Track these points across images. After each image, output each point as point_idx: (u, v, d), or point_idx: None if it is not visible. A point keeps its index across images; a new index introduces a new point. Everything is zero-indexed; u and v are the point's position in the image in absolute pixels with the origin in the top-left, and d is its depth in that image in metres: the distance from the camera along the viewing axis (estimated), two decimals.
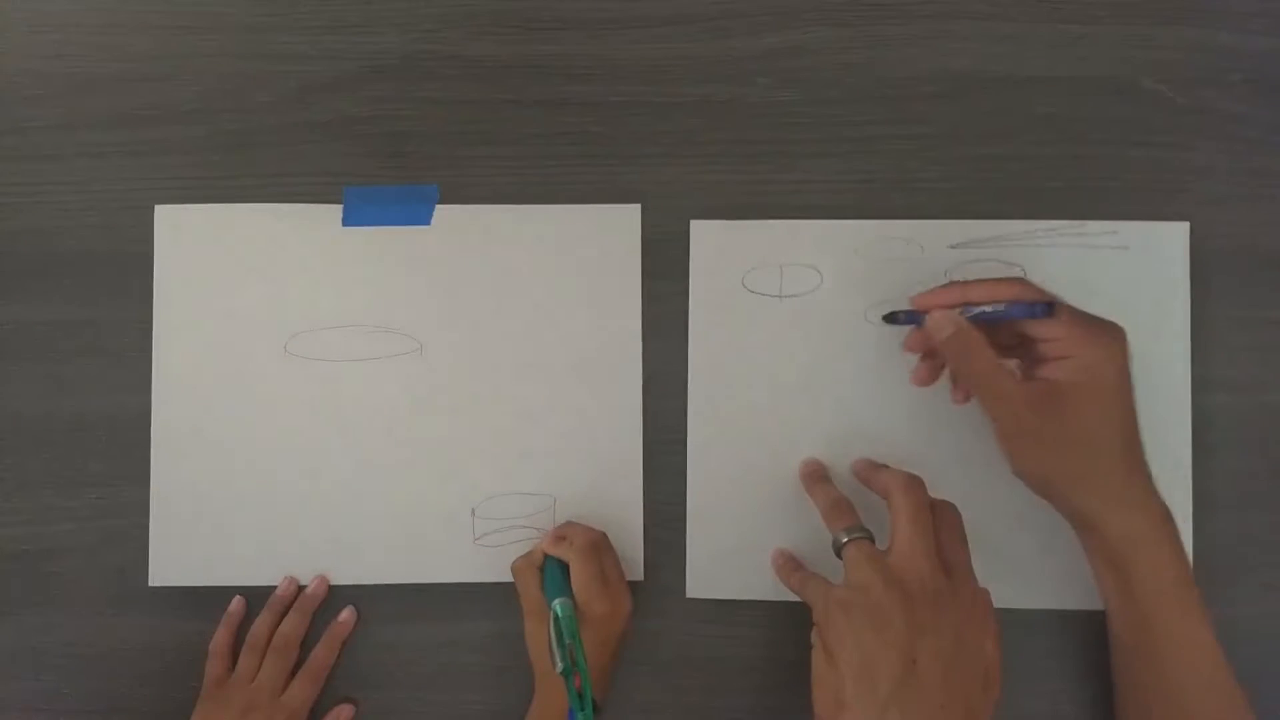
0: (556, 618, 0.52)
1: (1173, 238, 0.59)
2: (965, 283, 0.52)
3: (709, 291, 0.59)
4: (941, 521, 0.50)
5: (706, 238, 0.59)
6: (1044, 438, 0.50)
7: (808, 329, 0.59)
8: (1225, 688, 0.50)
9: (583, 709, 0.50)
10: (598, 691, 0.53)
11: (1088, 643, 0.57)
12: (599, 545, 0.55)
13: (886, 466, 0.55)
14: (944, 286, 0.53)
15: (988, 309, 0.51)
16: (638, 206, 0.60)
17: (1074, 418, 0.49)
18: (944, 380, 0.57)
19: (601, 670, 0.54)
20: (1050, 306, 0.50)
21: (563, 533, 0.56)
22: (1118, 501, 0.50)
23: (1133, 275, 0.58)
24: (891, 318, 0.55)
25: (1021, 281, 0.51)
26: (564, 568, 0.55)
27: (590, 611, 0.53)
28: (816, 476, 0.56)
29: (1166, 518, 0.50)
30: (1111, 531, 0.50)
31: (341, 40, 0.61)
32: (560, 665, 0.50)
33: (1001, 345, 0.52)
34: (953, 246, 0.59)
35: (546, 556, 0.56)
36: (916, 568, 0.47)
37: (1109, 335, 0.50)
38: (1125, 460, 0.50)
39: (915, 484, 0.50)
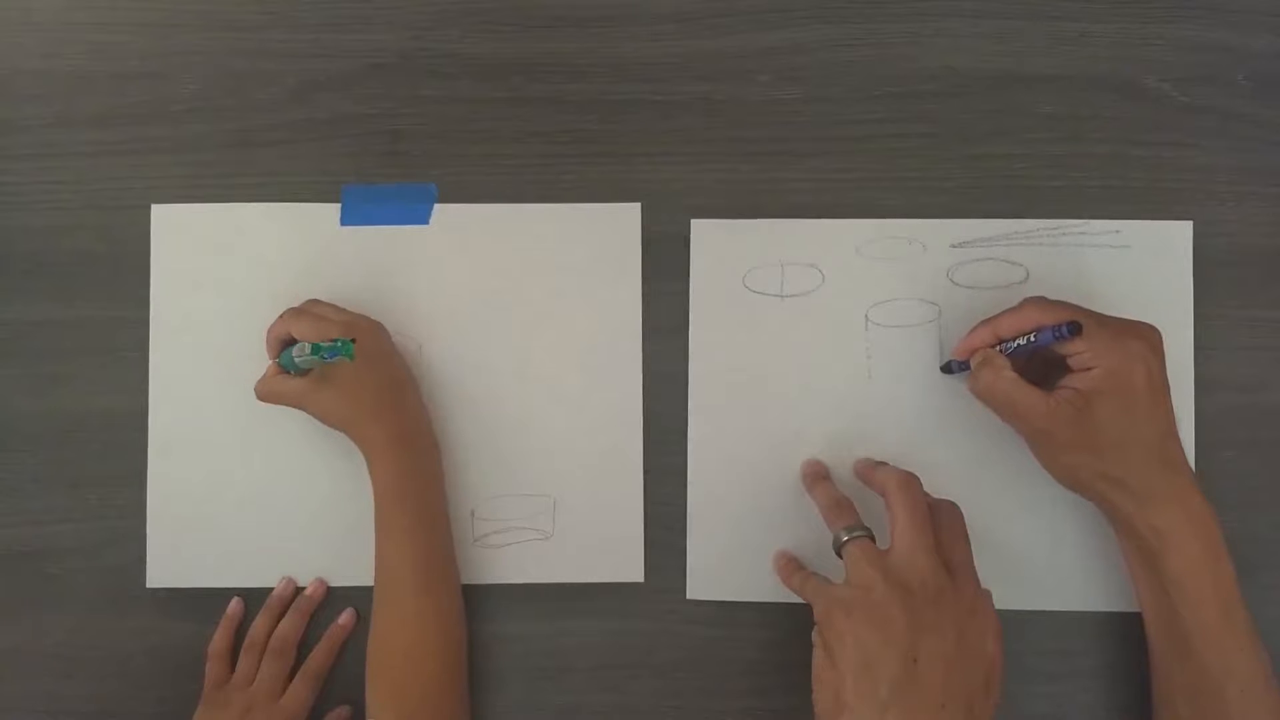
0: (306, 355, 0.51)
1: (1176, 237, 0.59)
2: (992, 319, 0.54)
3: (709, 291, 0.59)
4: (943, 521, 0.50)
5: (706, 238, 0.59)
6: (1071, 446, 0.51)
7: (808, 329, 0.59)
8: (1261, 692, 0.49)
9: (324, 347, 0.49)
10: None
11: (1090, 644, 0.57)
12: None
13: (885, 464, 0.55)
14: (975, 328, 0.54)
15: (1020, 343, 0.52)
16: (638, 206, 0.60)
17: (1101, 424, 0.50)
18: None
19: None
20: (1075, 326, 0.50)
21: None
22: (1150, 497, 0.50)
23: (1135, 275, 0.58)
24: (947, 368, 0.57)
25: (1041, 304, 0.52)
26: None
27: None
28: (817, 476, 0.56)
29: (1205, 516, 0.50)
30: (1142, 525, 0.50)
31: (339, 38, 0.60)
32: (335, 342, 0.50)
33: (1046, 362, 0.53)
34: (955, 245, 0.59)
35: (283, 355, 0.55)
36: (917, 566, 0.47)
37: (1137, 339, 0.51)
38: (1160, 458, 0.50)
39: (911, 481, 0.50)
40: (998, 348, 0.53)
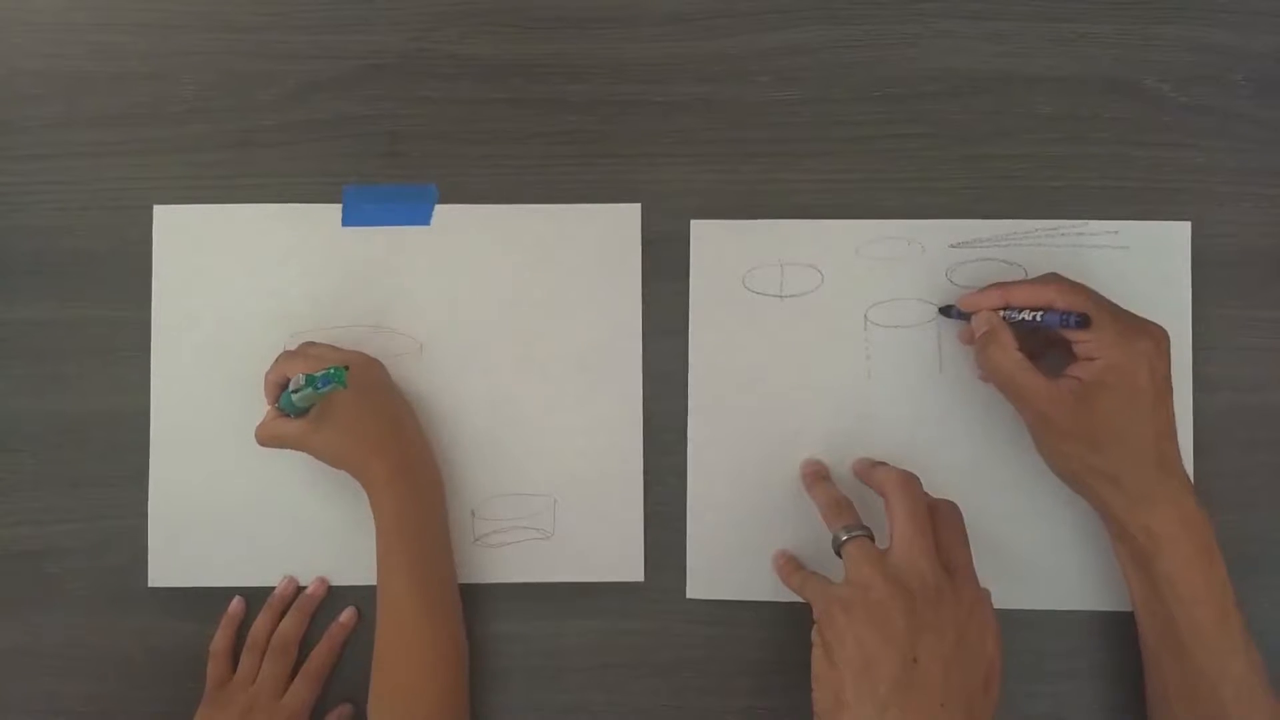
0: (302, 389, 0.52)
1: (1174, 237, 0.59)
2: (1007, 285, 0.54)
3: (709, 291, 0.59)
4: (942, 521, 0.50)
5: (706, 238, 0.59)
6: (1068, 434, 0.51)
7: (808, 329, 0.59)
8: (1258, 695, 0.49)
9: (322, 377, 0.50)
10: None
11: (1090, 644, 0.57)
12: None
13: (884, 464, 0.54)
14: (988, 288, 0.54)
15: (1026, 317, 0.52)
16: (638, 206, 0.60)
17: (1100, 416, 0.50)
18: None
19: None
20: (1084, 318, 0.50)
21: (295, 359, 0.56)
22: (1143, 497, 0.50)
23: (1134, 275, 0.58)
24: (946, 310, 0.57)
25: (1059, 285, 0.52)
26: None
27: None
28: (817, 476, 0.56)
29: (1199, 520, 0.50)
30: (1134, 526, 0.50)
31: (340, 39, 0.61)
32: (328, 372, 0.50)
33: (1046, 339, 0.53)
34: (953, 246, 0.59)
35: (283, 397, 0.55)
36: (917, 566, 0.47)
37: (1145, 338, 0.51)
38: (1155, 459, 0.50)
39: (911, 481, 0.50)
40: (1003, 313, 0.53)
